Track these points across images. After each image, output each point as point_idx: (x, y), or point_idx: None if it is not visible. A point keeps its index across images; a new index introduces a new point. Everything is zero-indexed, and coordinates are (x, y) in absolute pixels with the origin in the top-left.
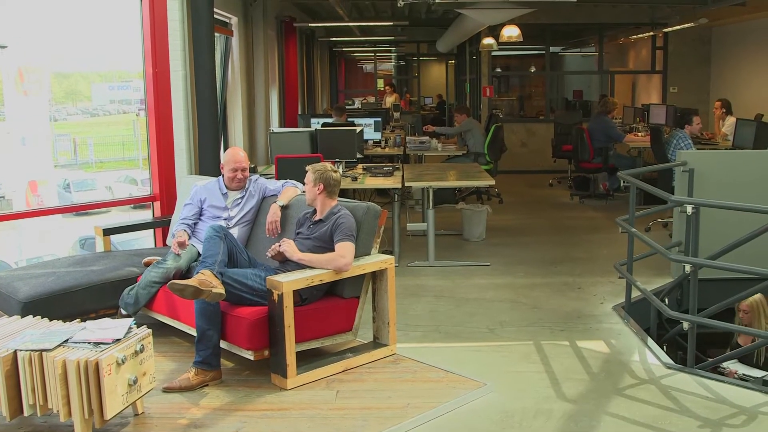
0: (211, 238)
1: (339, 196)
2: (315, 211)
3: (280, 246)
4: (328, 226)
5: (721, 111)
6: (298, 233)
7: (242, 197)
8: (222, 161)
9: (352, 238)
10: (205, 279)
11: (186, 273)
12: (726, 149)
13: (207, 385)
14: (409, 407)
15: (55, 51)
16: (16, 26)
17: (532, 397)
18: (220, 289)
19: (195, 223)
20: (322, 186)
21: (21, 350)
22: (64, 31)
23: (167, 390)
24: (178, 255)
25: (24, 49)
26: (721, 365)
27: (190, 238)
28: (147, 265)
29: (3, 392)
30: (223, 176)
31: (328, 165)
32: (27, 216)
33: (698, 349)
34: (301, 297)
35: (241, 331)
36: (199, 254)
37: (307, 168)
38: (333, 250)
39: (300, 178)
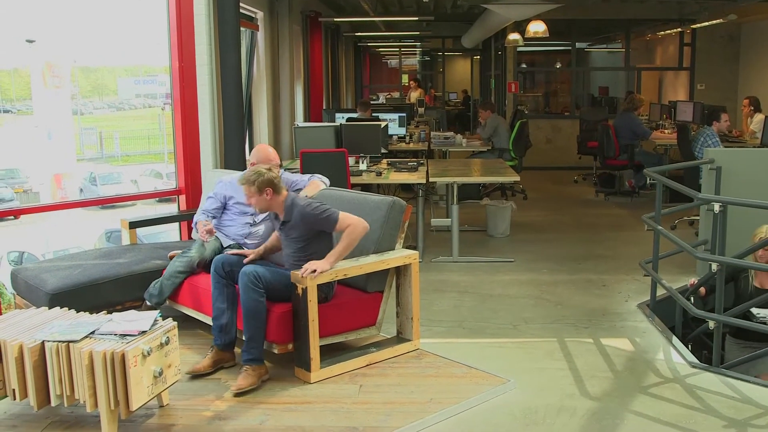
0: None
1: (364, 190)
2: (275, 215)
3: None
4: (297, 223)
5: (750, 108)
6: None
7: None
8: (251, 159)
9: (331, 209)
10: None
11: (209, 263)
12: (754, 147)
13: (220, 370)
14: (432, 402)
15: (81, 45)
16: (43, 21)
17: (555, 394)
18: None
19: (215, 217)
20: (270, 190)
21: (48, 341)
22: (91, 26)
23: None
24: (203, 246)
25: (51, 43)
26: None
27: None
28: (172, 258)
29: (31, 382)
30: None
31: (260, 167)
32: (53, 209)
33: (724, 348)
34: (323, 294)
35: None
36: (222, 246)
37: (240, 183)
38: (321, 240)
39: (325, 172)
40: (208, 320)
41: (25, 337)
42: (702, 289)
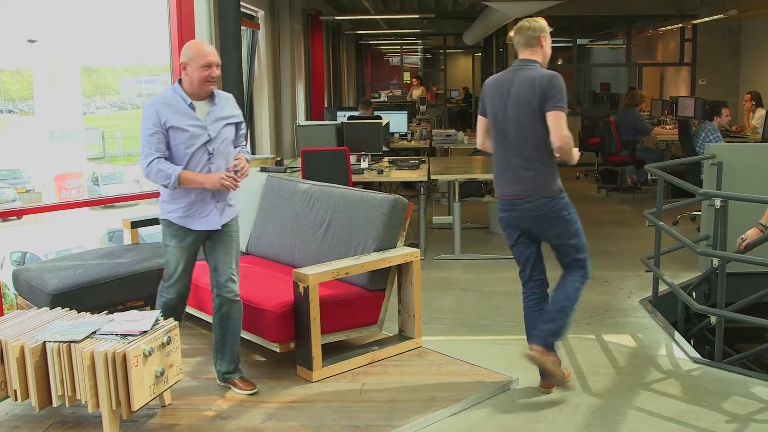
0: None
1: (365, 188)
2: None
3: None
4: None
5: (751, 103)
6: None
7: (215, 105)
8: (182, 59)
9: None
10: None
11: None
12: (755, 142)
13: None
14: (434, 400)
15: (83, 45)
16: (44, 21)
17: (557, 390)
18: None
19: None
20: None
21: (50, 342)
22: (92, 25)
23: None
24: (180, 273)
25: (53, 43)
26: None
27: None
28: None
29: (32, 383)
30: (180, 82)
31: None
32: (55, 209)
33: (726, 343)
34: None
35: (267, 323)
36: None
37: None
38: None
39: (326, 170)
40: (210, 319)
41: (26, 338)
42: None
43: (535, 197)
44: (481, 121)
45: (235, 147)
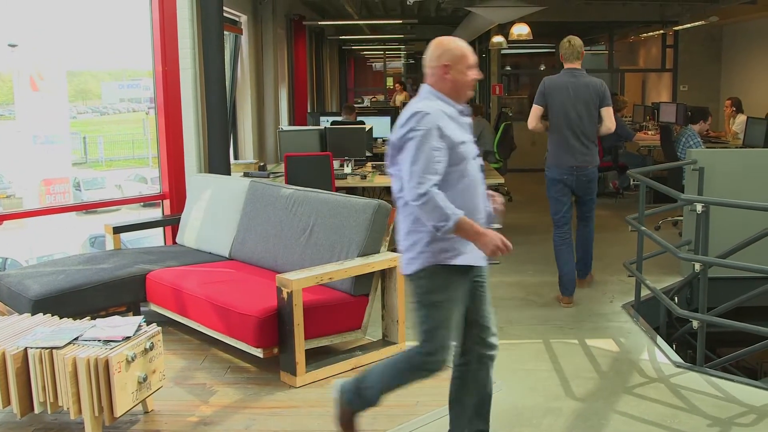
0: None
1: (349, 194)
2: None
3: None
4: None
5: (732, 109)
6: None
7: (467, 115)
8: (442, 60)
9: None
10: None
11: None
12: (736, 147)
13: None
14: (418, 405)
15: (65, 50)
16: (26, 25)
17: (541, 395)
18: None
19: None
20: None
21: (31, 348)
22: (75, 30)
23: None
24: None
25: (34, 48)
26: None
27: None
28: None
29: (14, 390)
30: (432, 87)
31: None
32: (36, 214)
33: (708, 347)
34: None
35: (251, 329)
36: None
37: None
38: None
39: (309, 176)
40: (193, 324)
41: (7, 344)
42: None
43: (590, 166)
44: (538, 109)
45: None
